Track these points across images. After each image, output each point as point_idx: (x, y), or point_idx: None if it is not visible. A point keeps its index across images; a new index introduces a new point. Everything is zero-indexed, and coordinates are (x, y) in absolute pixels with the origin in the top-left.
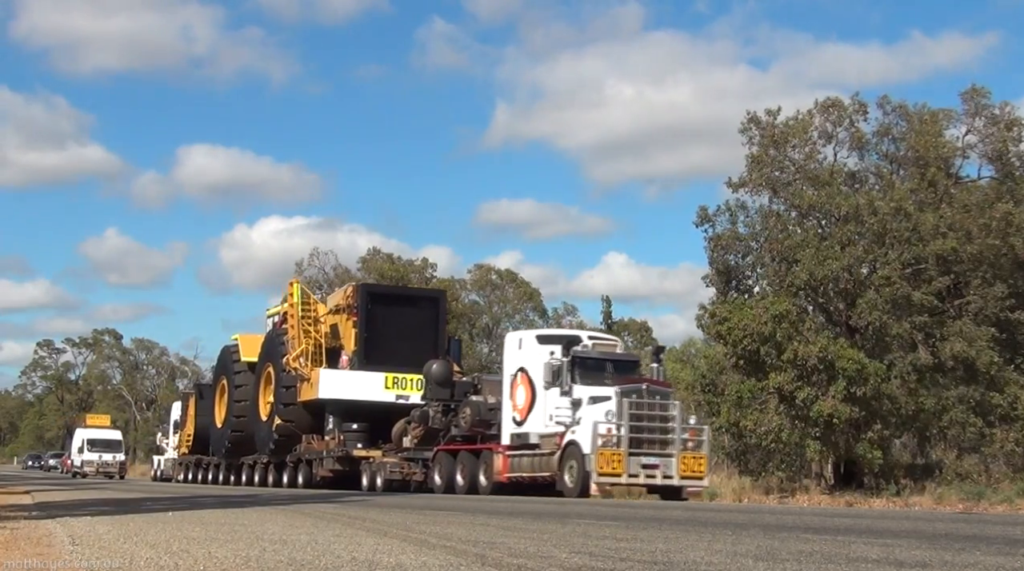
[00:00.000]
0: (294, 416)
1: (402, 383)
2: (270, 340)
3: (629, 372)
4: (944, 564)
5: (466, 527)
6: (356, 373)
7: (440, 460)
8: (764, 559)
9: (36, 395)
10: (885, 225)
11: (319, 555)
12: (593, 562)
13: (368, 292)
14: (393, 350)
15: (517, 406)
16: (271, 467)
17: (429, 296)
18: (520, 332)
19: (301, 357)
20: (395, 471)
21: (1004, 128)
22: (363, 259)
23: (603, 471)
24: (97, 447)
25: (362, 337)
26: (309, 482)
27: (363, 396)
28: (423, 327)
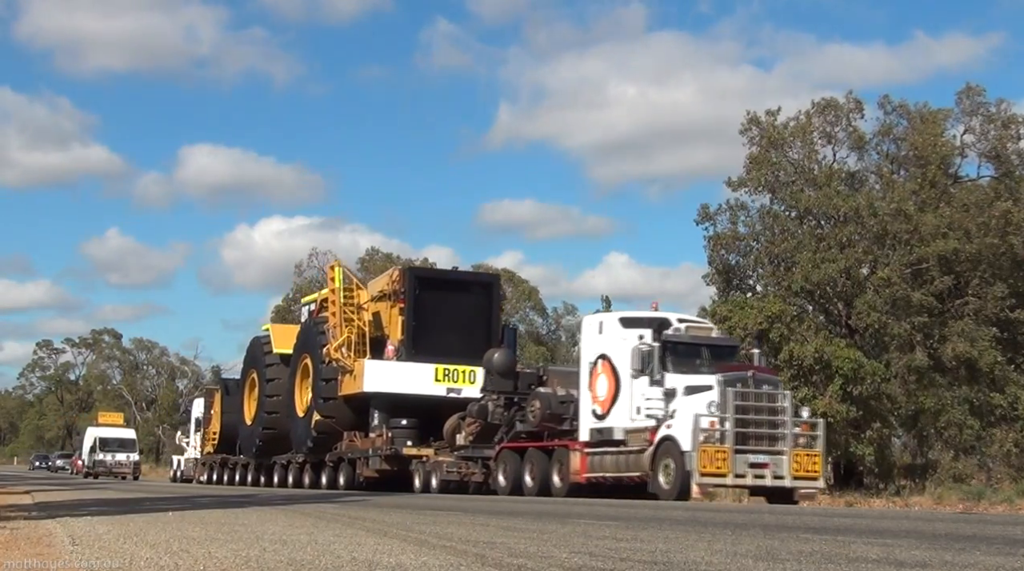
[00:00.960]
0: (335, 411)
1: (453, 375)
2: (307, 329)
3: (727, 358)
4: (944, 564)
5: (466, 527)
6: (404, 364)
7: (504, 459)
8: (764, 559)
9: (36, 395)
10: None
11: (319, 555)
12: (593, 562)
13: (416, 276)
14: (443, 340)
15: (598, 397)
16: (307, 467)
17: (482, 281)
18: (600, 314)
19: (343, 347)
20: (452, 471)
21: (1001, 126)
22: (362, 260)
23: (706, 470)
24: (110, 447)
25: (410, 325)
26: (351, 483)
27: (411, 389)
28: (475, 315)
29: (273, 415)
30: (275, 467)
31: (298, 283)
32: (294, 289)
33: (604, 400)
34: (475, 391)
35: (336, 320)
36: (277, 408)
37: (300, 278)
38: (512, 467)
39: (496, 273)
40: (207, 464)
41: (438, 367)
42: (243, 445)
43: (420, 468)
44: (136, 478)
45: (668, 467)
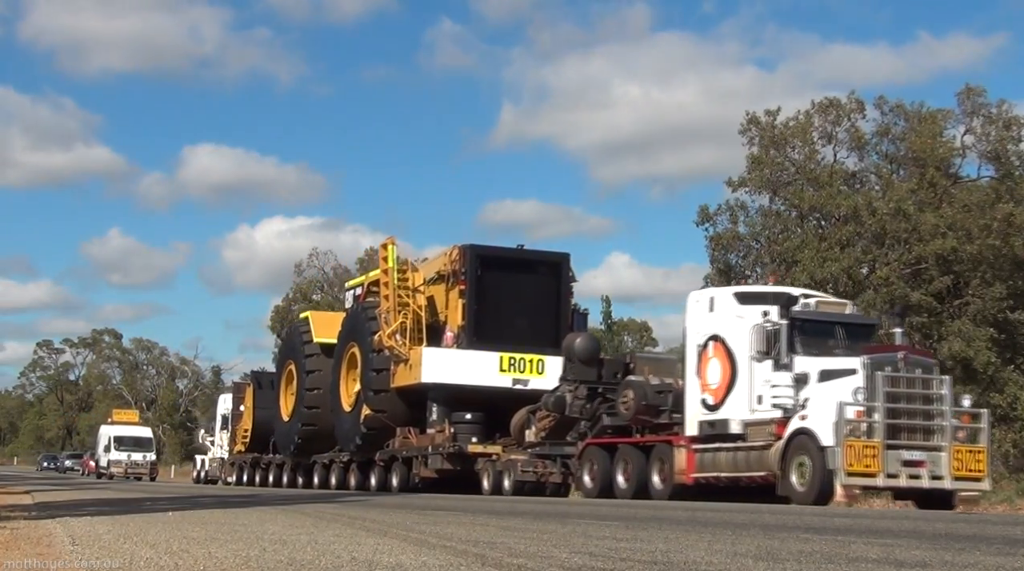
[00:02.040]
0: (386, 405)
1: (519, 365)
2: (354, 316)
3: (864, 339)
4: (944, 564)
5: (466, 527)
6: (466, 353)
7: (591, 457)
8: (764, 559)
9: (36, 395)
10: (884, 226)
11: (319, 555)
12: (593, 562)
13: (478, 255)
14: (508, 325)
15: (708, 385)
16: (353, 467)
17: (550, 260)
18: (710, 289)
19: (397, 334)
20: (527, 471)
21: (1002, 127)
22: (361, 260)
23: (853, 469)
24: (125, 446)
25: (471, 309)
26: (406, 485)
27: (474, 380)
28: (542, 297)
29: (314, 410)
30: (315, 467)
31: (298, 283)
32: (294, 289)
33: (717, 388)
34: (543, 382)
35: (389, 304)
36: (318, 402)
37: (300, 278)
38: (600, 466)
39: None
40: (236, 464)
41: (503, 355)
42: (279, 443)
43: (489, 468)
44: (153, 479)
45: (803, 466)
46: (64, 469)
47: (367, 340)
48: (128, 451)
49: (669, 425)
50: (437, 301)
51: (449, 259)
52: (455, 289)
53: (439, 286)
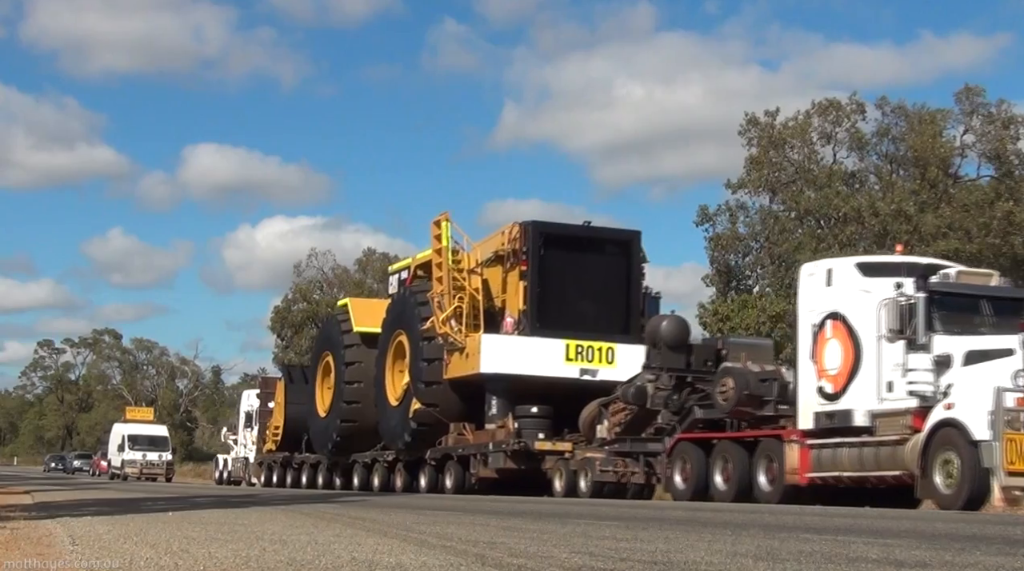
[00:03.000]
0: (439, 398)
1: (587, 353)
2: (401, 301)
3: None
4: (944, 564)
5: (466, 527)
6: (529, 340)
7: (683, 454)
8: (764, 559)
9: (36, 395)
10: (886, 226)
11: (319, 555)
12: (593, 562)
13: (541, 232)
14: (574, 310)
15: (826, 371)
16: (399, 467)
17: (619, 238)
18: (827, 261)
19: (452, 320)
20: (607, 470)
21: (1001, 126)
22: (359, 260)
23: (1014, 468)
24: (140, 445)
25: (533, 292)
26: (461, 486)
27: (537, 370)
28: (611, 279)
29: (354, 405)
30: (355, 467)
31: (297, 283)
32: (293, 289)
33: (836, 374)
34: (613, 373)
35: (443, 287)
36: (359, 397)
37: (299, 278)
38: (695, 465)
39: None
40: (265, 464)
41: (569, 343)
42: (315, 441)
43: (562, 467)
44: (169, 480)
45: (949, 464)
46: (72, 470)
47: (417, 327)
48: (143, 450)
49: (775, 418)
50: (492, 284)
51: (508, 237)
52: (514, 270)
53: (495, 268)
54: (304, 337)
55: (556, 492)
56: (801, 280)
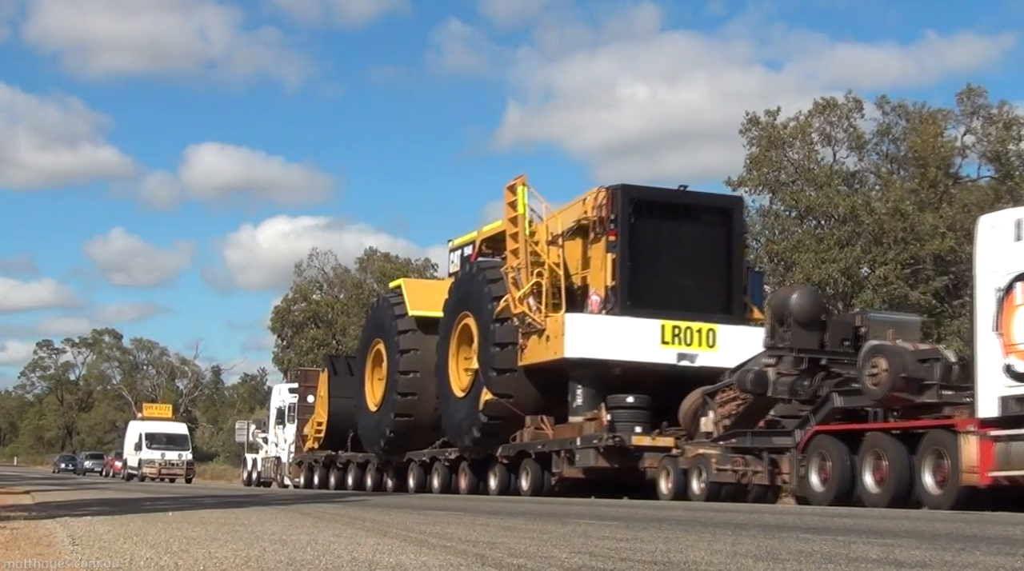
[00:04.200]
0: (513, 388)
1: (685, 336)
2: (468, 279)
3: None
4: (944, 564)
5: (466, 527)
6: (620, 321)
7: (821, 450)
8: (764, 559)
9: (36, 395)
10: (882, 225)
11: (319, 555)
12: (593, 562)
13: (631, 198)
14: (669, 286)
15: (1016, 345)
16: (464, 466)
17: (719, 205)
18: (1013, 210)
19: (529, 298)
20: (724, 469)
21: (1003, 127)
22: (360, 260)
23: None
24: (158, 443)
25: (624, 266)
26: (540, 488)
27: (629, 355)
28: (711, 251)
29: (409, 398)
30: (411, 466)
31: (298, 283)
32: (294, 289)
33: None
34: (714, 357)
35: (520, 260)
36: (415, 388)
37: (300, 278)
38: (837, 463)
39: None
40: (305, 463)
41: (665, 324)
42: (364, 438)
43: (669, 465)
44: (189, 481)
45: None
46: (84, 470)
47: (487, 308)
48: (161, 449)
49: (937, 405)
50: (571, 259)
51: (592, 204)
52: (600, 242)
53: (573, 241)
54: (304, 337)
55: (661, 494)
56: (980, 235)
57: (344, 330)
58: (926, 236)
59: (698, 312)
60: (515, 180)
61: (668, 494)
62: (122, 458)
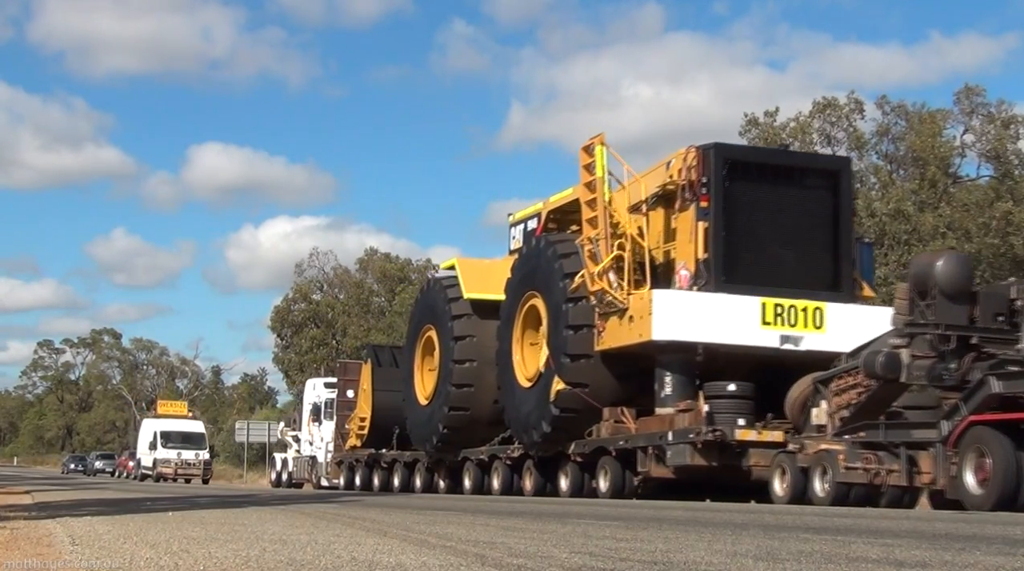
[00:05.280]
0: (589, 376)
1: (788, 315)
2: (535, 255)
3: None
4: (944, 564)
5: (466, 527)
6: (716, 298)
7: (978, 444)
8: (764, 559)
9: (36, 395)
10: (884, 227)
11: (319, 555)
12: (593, 562)
13: (726, 159)
14: (769, 259)
15: None
16: (529, 465)
17: (825, 167)
18: None
19: (610, 273)
20: (854, 467)
21: (1001, 126)
22: (360, 260)
23: None
24: (174, 442)
25: (718, 236)
26: (621, 490)
27: (728, 337)
28: (816, 220)
29: (465, 389)
30: (466, 466)
31: (298, 283)
32: (294, 289)
33: None
34: (822, 340)
35: (599, 230)
36: (471, 379)
37: (301, 278)
38: (999, 460)
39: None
40: (346, 463)
41: (766, 302)
42: (414, 434)
43: (785, 463)
44: (206, 481)
45: None
46: (94, 471)
47: (558, 286)
48: (177, 448)
49: None
50: (652, 231)
51: (679, 166)
52: (688, 210)
53: (655, 211)
54: (303, 337)
55: (775, 496)
56: None
57: (344, 330)
58: (927, 237)
59: (803, 289)
60: (592, 139)
61: (784, 496)
62: (135, 457)
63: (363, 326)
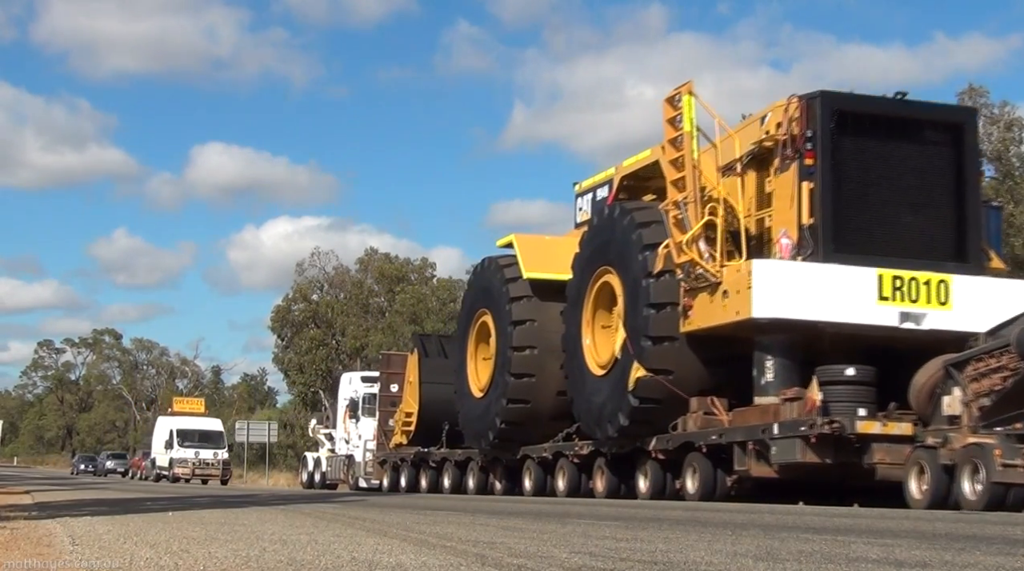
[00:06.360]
0: (674, 361)
1: (909, 289)
2: (608, 225)
3: None
4: (944, 564)
5: (466, 527)
6: (825, 269)
7: None
8: (764, 559)
9: (36, 395)
10: None
11: (319, 555)
12: (593, 562)
13: (834, 109)
14: (885, 225)
15: None
16: (600, 463)
17: (946, 120)
18: None
19: (700, 242)
20: (1012, 464)
21: (1004, 128)
22: (361, 260)
23: None
24: (191, 441)
25: (826, 198)
26: (712, 491)
27: (840, 315)
28: (937, 180)
29: (526, 379)
30: (526, 464)
31: (299, 283)
32: (294, 289)
33: None
34: (947, 318)
35: (688, 193)
36: (532, 368)
37: (301, 277)
38: None
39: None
40: (390, 462)
41: (883, 273)
42: (467, 430)
43: (924, 460)
44: (225, 482)
45: None
46: (105, 471)
47: (636, 258)
48: (195, 447)
49: None
50: (742, 191)
51: (778, 120)
52: (789, 170)
53: (749, 172)
54: (303, 337)
55: (912, 499)
56: None
57: (344, 330)
58: None
59: (924, 259)
60: (679, 88)
61: (923, 500)
62: (149, 457)
63: (362, 326)
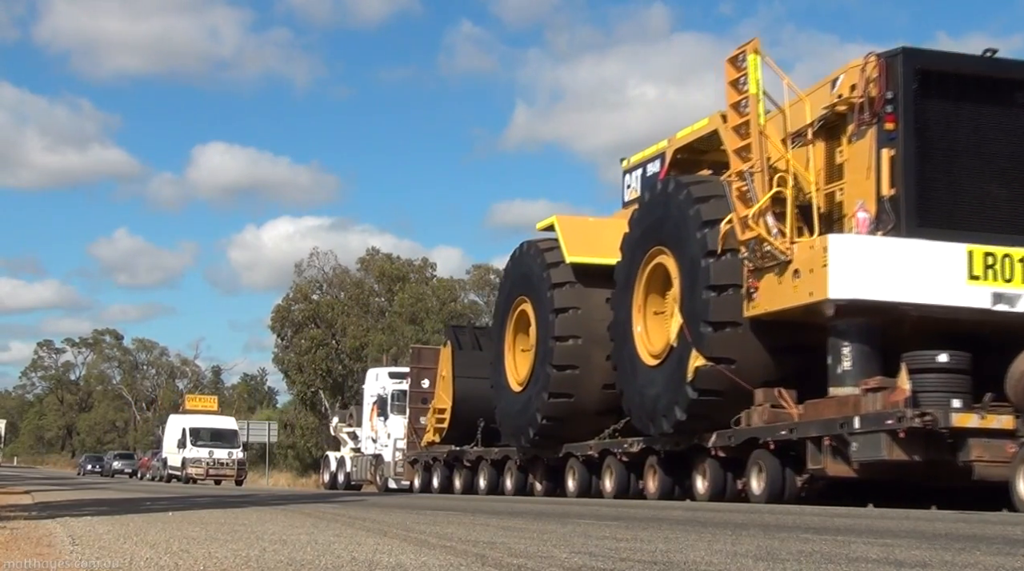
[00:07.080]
0: (737, 349)
1: (1002, 268)
2: (660, 203)
3: None
4: (944, 564)
5: (466, 527)
6: (908, 245)
7: None
8: (764, 559)
9: (36, 395)
10: None
11: (319, 555)
12: (593, 562)
13: (917, 69)
14: (975, 196)
15: None
16: (652, 462)
17: None
18: None
19: (767, 216)
20: None
21: None
22: (361, 260)
23: None
24: (204, 440)
25: (910, 167)
26: (781, 492)
27: (927, 297)
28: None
29: (569, 372)
30: (569, 463)
31: (298, 283)
32: (294, 289)
33: None
34: None
35: (753, 162)
36: (576, 359)
37: (300, 278)
38: None
39: None
40: (421, 462)
41: (973, 250)
42: (505, 427)
43: None
44: (240, 483)
45: None
46: (112, 472)
47: (694, 237)
48: (209, 447)
49: None
50: (813, 163)
51: (853, 82)
52: (866, 137)
53: (818, 142)
54: (303, 337)
55: (1021, 502)
56: None
57: (344, 330)
58: None
59: (1019, 234)
60: (743, 47)
61: None
62: (158, 456)
63: (362, 326)
